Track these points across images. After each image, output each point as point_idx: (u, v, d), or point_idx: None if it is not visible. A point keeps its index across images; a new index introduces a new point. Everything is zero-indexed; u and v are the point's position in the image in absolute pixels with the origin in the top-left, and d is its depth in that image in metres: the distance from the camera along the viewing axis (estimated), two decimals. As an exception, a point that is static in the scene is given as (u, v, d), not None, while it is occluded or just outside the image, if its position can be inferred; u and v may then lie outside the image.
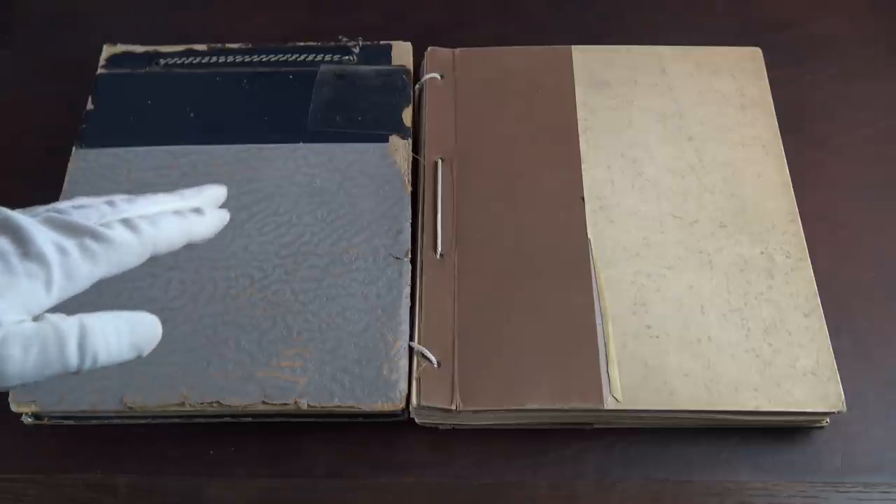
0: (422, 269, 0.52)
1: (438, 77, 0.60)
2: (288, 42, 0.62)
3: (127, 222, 0.35)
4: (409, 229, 0.53)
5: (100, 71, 0.61)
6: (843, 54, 0.65)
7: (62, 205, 0.35)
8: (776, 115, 0.59)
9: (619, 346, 0.49)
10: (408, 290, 0.51)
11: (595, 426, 0.49)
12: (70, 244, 0.33)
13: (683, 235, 0.53)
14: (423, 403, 0.47)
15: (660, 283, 0.51)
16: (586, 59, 0.61)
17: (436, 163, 0.56)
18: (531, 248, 0.52)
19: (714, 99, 0.59)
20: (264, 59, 0.61)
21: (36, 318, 0.32)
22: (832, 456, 0.48)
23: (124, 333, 0.33)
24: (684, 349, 0.49)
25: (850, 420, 0.49)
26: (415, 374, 0.48)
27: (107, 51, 0.62)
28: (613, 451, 0.48)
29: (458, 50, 0.62)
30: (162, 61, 0.61)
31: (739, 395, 0.47)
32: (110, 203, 0.36)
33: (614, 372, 0.48)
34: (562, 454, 0.48)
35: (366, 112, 0.58)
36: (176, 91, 0.59)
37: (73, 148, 0.56)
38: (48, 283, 0.32)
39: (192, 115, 0.58)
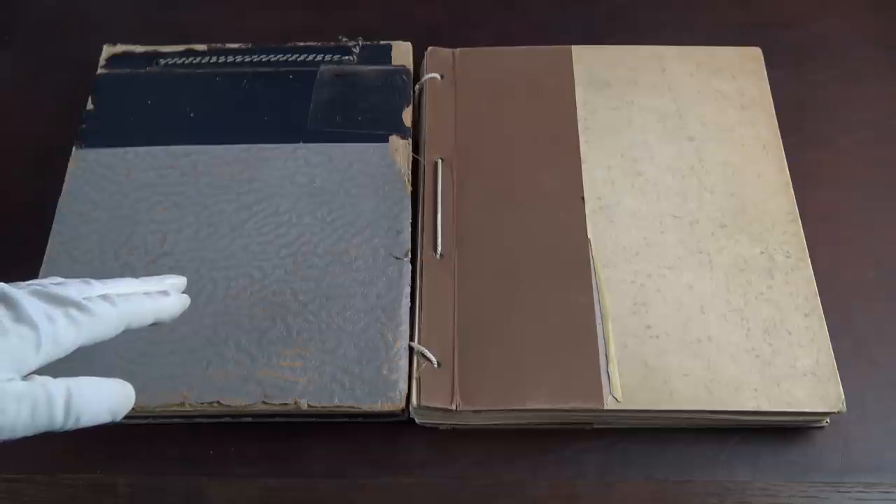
0: (422, 269, 0.52)
1: (438, 77, 0.60)
2: (288, 42, 0.62)
3: (106, 297, 0.38)
4: (409, 229, 0.53)
5: (100, 71, 0.61)
6: (843, 54, 0.65)
7: (43, 281, 0.38)
8: (776, 115, 0.59)
9: (619, 346, 0.49)
10: (408, 290, 0.51)
11: (595, 426, 0.49)
12: (57, 313, 0.36)
13: (683, 235, 0.53)
14: (423, 403, 0.47)
15: (660, 283, 0.51)
16: (586, 59, 0.61)
17: (436, 163, 0.56)
18: (531, 248, 0.52)
19: (714, 99, 0.59)
20: (264, 59, 0.61)
21: (24, 378, 0.35)
22: (832, 456, 0.48)
23: (104, 399, 0.37)
24: (684, 349, 0.49)
25: (850, 420, 0.49)
26: (415, 374, 0.48)
27: (107, 51, 0.62)
28: (613, 451, 0.48)
29: (458, 50, 0.62)
30: (162, 61, 0.61)
31: (739, 395, 0.47)
32: (86, 282, 0.39)
33: (614, 372, 0.48)
34: (562, 454, 0.48)
35: (366, 112, 0.58)
36: (176, 91, 0.59)
37: (73, 148, 0.56)
38: (37, 346, 0.35)
39: (192, 115, 0.58)
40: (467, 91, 0.60)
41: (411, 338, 0.50)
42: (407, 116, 0.58)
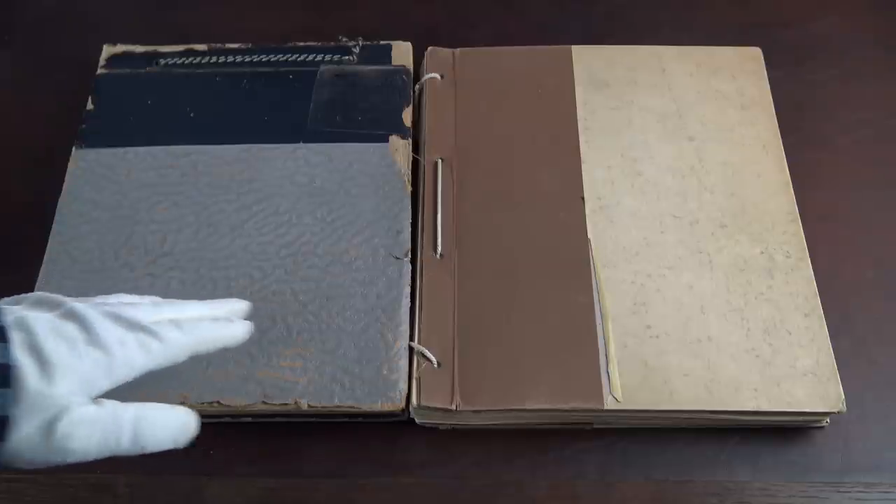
0: (422, 269, 0.52)
1: (438, 77, 0.60)
2: (288, 42, 0.62)
3: (176, 324, 0.39)
4: (409, 229, 0.53)
5: (100, 71, 0.61)
6: (843, 54, 0.65)
7: (110, 299, 0.39)
8: (776, 115, 0.59)
9: (619, 346, 0.49)
10: (408, 290, 0.51)
11: (595, 426, 0.49)
12: (130, 338, 0.36)
13: (683, 235, 0.53)
14: (423, 403, 0.47)
15: (660, 283, 0.51)
16: (586, 59, 0.61)
17: (436, 163, 0.56)
18: (531, 248, 0.52)
19: (714, 99, 0.59)
20: (264, 59, 0.61)
21: (93, 401, 0.36)
22: (832, 456, 0.48)
23: (169, 427, 0.38)
24: (684, 349, 0.49)
25: (850, 420, 0.49)
26: (415, 374, 0.48)
27: (107, 51, 0.62)
28: (613, 451, 0.48)
29: (458, 50, 0.62)
30: (162, 61, 0.61)
31: (739, 395, 0.47)
32: (156, 304, 0.40)
33: (614, 372, 0.48)
34: (562, 454, 0.48)
35: (366, 112, 0.58)
36: (176, 91, 0.59)
37: (73, 148, 0.56)
38: (109, 371, 0.36)
39: (192, 115, 0.58)
40: (467, 91, 0.60)
41: (411, 338, 0.50)
42: (407, 116, 0.58)
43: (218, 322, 0.41)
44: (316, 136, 0.57)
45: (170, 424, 0.38)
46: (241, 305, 0.44)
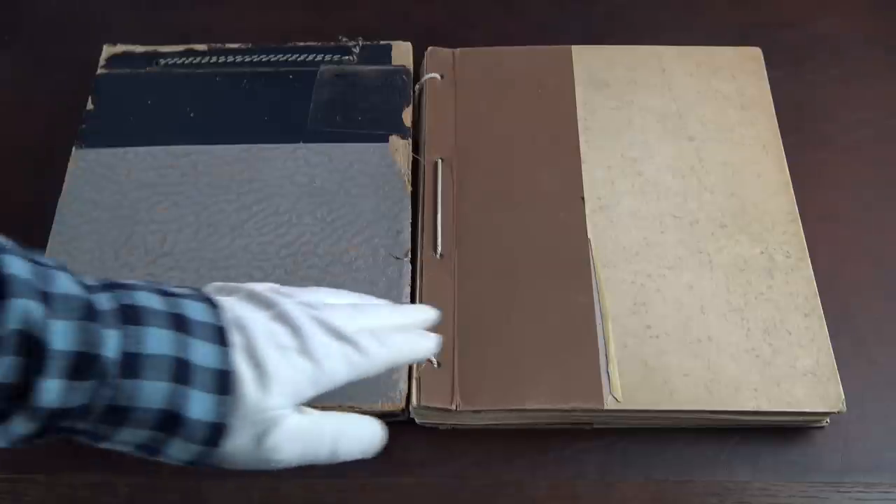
0: (422, 269, 0.52)
1: (438, 77, 0.60)
2: (288, 42, 0.62)
3: (377, 337, 0.38)
4: (409, 229, 0.53)
5: (100, 71, 0.61)
6: (843, 54, 0.65)
7: (310, 295, 0.39)
8: (776, 115, 0.59)
9: (619, 346, 0.49)
10: (408, 290, 0.51)
11: (595, 426, 0.49)
12: (335, 349, 0.36)
13: (683, 235, 0.53)
14: (423, 403, 0.47)
15: (660, 283, 0.51)
16: (586, 58, 0.61)
17: (436, 163, 0.56)
18: (531, 248, 0.52)
19: (714, 99, 0.59)
20: (264, 59, 0.61)
21: (297, 410, 0.36)
22: (832, 456, 0.48)
23: (363, 439, 0.39)
24: (684, 349, 0.49)
25: (850, 420, 0.49)
26: (415, 374, 0.48)
27: (107, 51, 0.62)
28: (613, 451, 0.48)
29: (458, 50, 0.62)
30: (162, 61, 0.61)
31: (739, 395, 0.47)
32: (355, 308, 0.39)
33: (614, 372, 0.48)
34: (562, 454, 0.48)
35: (366, 112, 0.58)
36: (176, 91, 0.59)
37: (73, 148, 0.56)
38: (315, 382, 0.36)
39: (192, 115, 0.58)
40: (467, 91, 0.60)
41: (411, 338, 0.50)
42: (407, 116, 0.58)
43: (412, 334, 0.41)
44: (316, 136, 0.57)
45: (364, 436, 0.39)
46: (432, 315, 0.43)
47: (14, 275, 0.30)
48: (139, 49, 0.62)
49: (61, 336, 0.30)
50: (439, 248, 0.53)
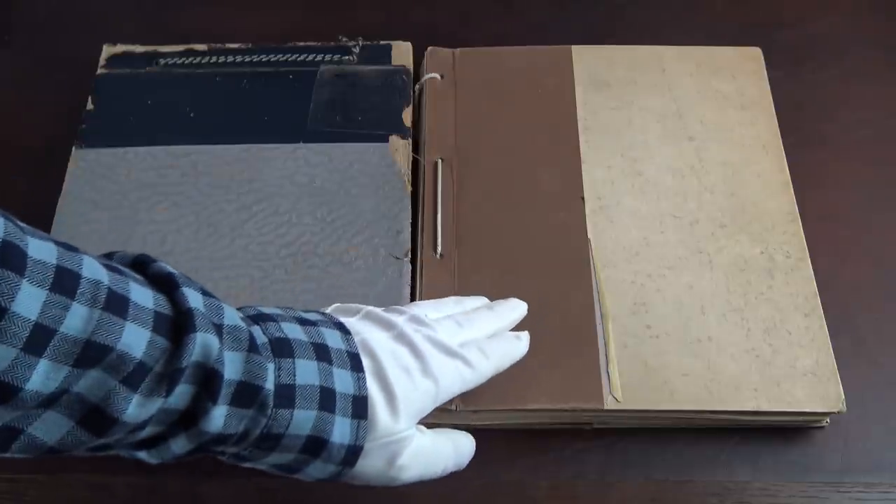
0: (422, 269, 0.52)
1: (438, 77, 0.60)
2: (288, 42, 0.62)
3: (480, 349, 0.41)
4: (409, 229, 0.53)
5: (100, 71, 0.61)
6: (843, 54, 0.65)
7: (418, 311, 0.41)
8: (776, 115, 0.59)
9: (619, 346, 0.49)
10: (408, 290, 0.51)
11: (595, 426, 0.49)
12: (449, 366, 0.38)
13: (683, 235, 0.53)
14: (423, 403, 0.47)
15: (660, 283, 0.51)
16: (586, 59, 0.61)
17: (436, 163, 0.56)
18: (531, 248, 0.52)
19: (714, 99, 0.59)
20: (264, 59, 0.61)
21: (418, 429, 0.38)
22: (832, 456, 0.48)
23: (462, 453, 0.41)
24: (684, 349, 0.49)
25: (850, 420, 0.49)
26: (415, 374, 0.48)
27: (107, 51, 0.62)
28: (613, 451, 0.48)
29: (458, 50, 0.62)
30: (162, 61, 0.61)
31: (739, 395, 0.47)
32: (456, 323, 0.42)
33: (614, 372, 0.48)
34: (562, 454, 0.48)
35: (366, 112, 0.58)
36: (176, 91, 0.59)
37: (73, 148, 0.56)
38: (434, 400, 0.38)
39: (192, 115, 0.58)
40: (467, 91, 0.60)
41: (411, 338, 0.50)
42: (407, 116, 0.58)
43: (509, 341, 0.44)
44: (316, 136, 0.57)
45: (466, 451, 0.42)
46: (524, 310, 0.46)
47: (195, 308, 0.31)
48: (139, 49, 0.62)
49: (231, 367, 0.32)
50: (439, 248, 0.53)
